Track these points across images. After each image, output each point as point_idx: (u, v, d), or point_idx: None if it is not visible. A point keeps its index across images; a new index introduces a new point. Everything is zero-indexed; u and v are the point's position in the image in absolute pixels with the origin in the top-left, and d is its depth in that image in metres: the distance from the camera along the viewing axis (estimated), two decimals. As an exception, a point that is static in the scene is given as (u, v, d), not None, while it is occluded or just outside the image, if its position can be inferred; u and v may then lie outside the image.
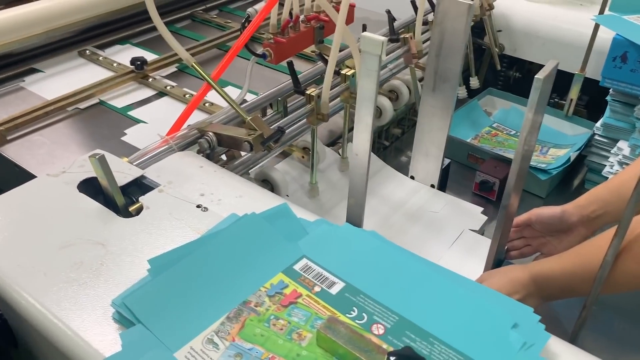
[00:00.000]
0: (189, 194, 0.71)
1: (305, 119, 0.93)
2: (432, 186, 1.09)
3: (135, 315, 0.50)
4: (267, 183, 0.93)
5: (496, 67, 1.41)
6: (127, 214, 0.68)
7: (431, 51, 0.96)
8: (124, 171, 0.73)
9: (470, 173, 1.20)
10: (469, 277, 0.92)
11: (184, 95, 1.25)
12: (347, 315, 0.52)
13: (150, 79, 1.31)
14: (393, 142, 1.29)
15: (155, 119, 1.18)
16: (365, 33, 0.63)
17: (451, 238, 0.98)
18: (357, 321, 0.51)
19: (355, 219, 0.79)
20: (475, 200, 1.12)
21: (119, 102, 1.23)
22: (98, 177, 0.67)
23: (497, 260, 0.87)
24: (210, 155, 0.85)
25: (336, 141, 1.15)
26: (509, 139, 1.30)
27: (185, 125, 0.87)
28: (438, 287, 0.55)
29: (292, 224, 0.61)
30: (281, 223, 0.60)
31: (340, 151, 1.09)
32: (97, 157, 0.64)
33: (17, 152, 1.07)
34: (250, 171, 0.92)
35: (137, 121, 1.18)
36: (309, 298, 0.53)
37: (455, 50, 0.94)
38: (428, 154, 1.06)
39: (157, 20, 0.81)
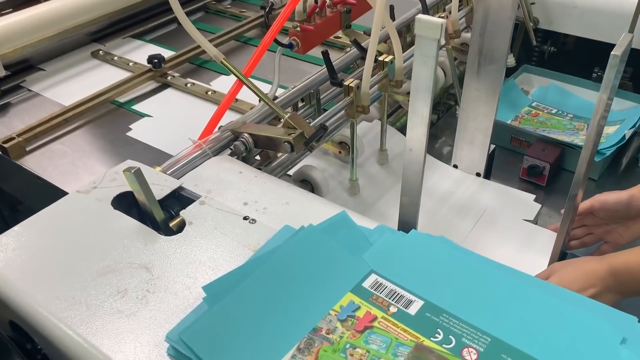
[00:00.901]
0: (232, 204, 0.65)
1: (342, 112, 0.86)
2: (478, 175, 1.02)
3: (195, 352, 0.44)
4: (306, 183, 0.87)
5: (532, 43, 1.33)
6: (168, 231, 0.62)
7: (474, 30, 0.89)
8: (159, 183, 0.67)
9: (514, 158, 1.13)
10: (530, 272, 0.87)
11: (207, 93, 1.19)
12: (432, 339, 0.46)
13: (169, 77, 1.25)
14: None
15: (180, 119, 1.12)
16: (421, 15, 0.57)
17: (505, 231, 0.91)
18: (444, 346, 0.45)
19: (409, 219, 0.73)
20: (523, 186, 1.06)
21: (139, 104, 1.18)
22: (134, 193, 0.61)
23: (561, 252, 0.80)
24: (247, 158, 0.79)
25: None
26: (551, 118, 1.23)
27: (216, 128, 0.81)
28: (529, 299, 0.49)
29: (354, 235, 0.54)
30: (342, 235, 0.54)
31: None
32: (132, 170, 0.59)
33: (39, 163, 1.01)
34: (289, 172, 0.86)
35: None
36: (385, 321, 0.47)
37: (502, 27, 0.86)
38: (473, 141, 0.99)
39: (182, 16, 0.75)
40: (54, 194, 0.97)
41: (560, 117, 1.22)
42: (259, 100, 0.94)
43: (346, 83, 0.83)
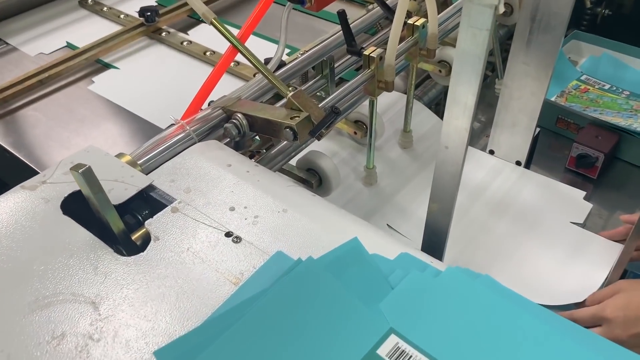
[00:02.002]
0: (215, 210, 0.51)
1: (360, 88, 0.70)
2: (518, 163, 0.87)
3: None
4: (313, 174, 0.72)
5: (585, 5, 1.14)
6: (129, 246, 0.48)
7: (528, -10, 0.72)
8: (124, 179, 0.53)
9: (559, 142, 0.97)
10: (581, 287, 0.73)
11: (205, 53, 1.03)
12: None
13: (163, 33, 1.09)
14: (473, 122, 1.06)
15: (173, 85, 0.97)
16: (475, -28, 0.41)
17: (550, 235, 0.76)
18: None
19: (438, 230, 0.59)
20: (569, 178, 0.90)
21: (127, 65, 1.02)
22: (85, 197, 0.47)
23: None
24: (241, 143, 0.64)
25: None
26: (604, 95, 1.05)
27: (205, 104, 0.66)
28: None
29: (368, 273, 0.40)
30: (353, 273, 0.40)
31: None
32: (80, 170, 0.44)
33: (8, 133, 0.88)
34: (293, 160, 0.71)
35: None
36: (408, 411, 0.33)
37: (564, -13, 0.69)
38: (515, 124, 0.83)
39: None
40: (23, 171, 0.84)
41: (614, 94, 1.05)
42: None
43: (366, 52, 0.67)
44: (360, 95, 0.72)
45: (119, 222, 0.48)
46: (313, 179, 0.71)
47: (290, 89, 0.63)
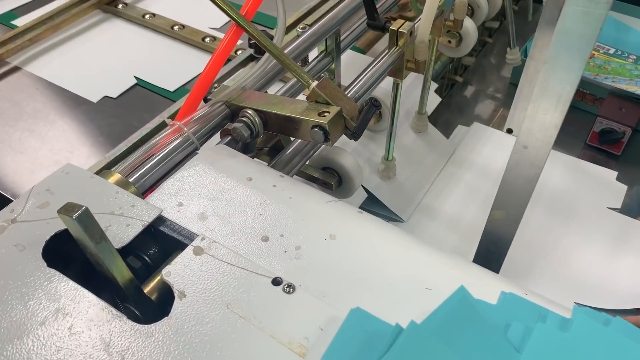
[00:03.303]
0: (244, 242, 0.40)
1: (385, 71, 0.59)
2: (540, 143, 0.79)
3: None
4: (331, 173, 0.61)
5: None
6: (142, 303, 0.37)
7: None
8: (123, 211, 0.40)
9: (574, 116, 0.89)
10: (634, 285, 0.66)
11: (172, 28, 0.88)
12: None
13: (119, 5, 0.93)
14: (461, 74, 0.97)
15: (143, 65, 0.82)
16: None
17: (589, 225, 0.69)
18: None
19: (499, 240, 0.50)
20: (590, 155, 0.83)
21: (80, 45, 0.87)
22: (81, 245, 0.35)
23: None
24: (250, 145, 0.53)
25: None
26: (610, 60, 0.98)
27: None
28: None
29: (487, 335, 0.31)
30: (469, 338, 0.30)
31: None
32: (75, 214, 0.32)
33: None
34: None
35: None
36: None
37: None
38: (540, 100, 0.74)
39: None
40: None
41: (620, 59, 0.98)
42: (259, 52, 0.67)
43: (394, 27, 0.56)
44: (378, 77, 0.61)
45: (127, 274, 0.36)
46: (332, 179, 0.60)
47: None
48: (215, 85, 0.59)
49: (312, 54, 0.68)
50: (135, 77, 0.81)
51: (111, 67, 0.83)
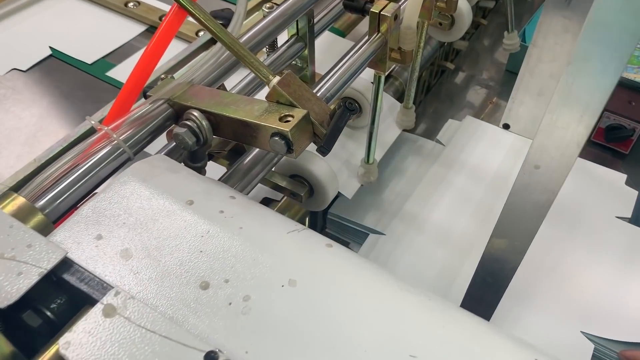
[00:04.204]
0: (177, 291, 0.31)
1: (364, 62, 0.49)
2: (540, 140, 0.70)
3: None
4: (301, 182, 0.52)
5: None
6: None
7: None
8: (15, 254, 0.31)
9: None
10: None
11: (126, 5, 0.78)
12: None
13: (66, -23, 0.82)
14: (452, 59, 0.87)
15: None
16: None
17: (596, 237, 0.61)
18: None
19: (498, 273, 0.41)
20: (595, 153, 0.74)
21: (18, 24, 0.75)
22: None
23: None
24: (198, 153, 0.43)
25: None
26: (615, 45, 0.89)
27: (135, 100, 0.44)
28: None
29: None
30: None
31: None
32: None
33: None
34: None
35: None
36: None
37: None
38: (543, 92, 0.66)
39: None
40: None
41: (627, 43, 0.89)
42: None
43: (375, 8, 0.46)
44: (359, 70, 0.52)
45: (6, 348, 0.27)
46: (301, 189, 0.51)
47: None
48: (162, 76, 0.49)
49: (283, 38, 0.59)
50: (50, 47, 0.70)
51: (61, 48, 0.72)
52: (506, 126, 0.71)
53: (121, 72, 0.74)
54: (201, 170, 0.45)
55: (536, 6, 0.92)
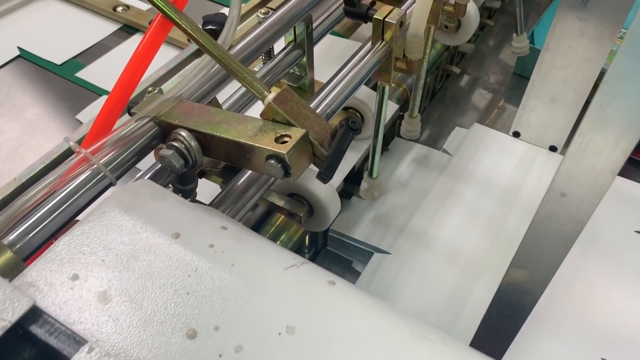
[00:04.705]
0: (163, 341, 0.27)
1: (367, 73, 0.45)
2: (552, 149, 0.66)
3: None
4: (300, 202, 0.48)
5: None
6: None
7: None
8: (-26, 302, 0.27)
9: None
10: None
11: (115, 9, 0.74)
12: None
13: (52, -20, 0.78)
14: (457, 63, 0.83)
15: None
16: None
17: (614, 254, 0.57)
18: None
19: (517, 304, 0.37)
20: (609, 160, 0.71)
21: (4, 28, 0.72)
22: None
23: None
24: (187, 176, 0.39)
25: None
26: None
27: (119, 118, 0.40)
28: None
29: None
30: None
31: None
32: None
33: None
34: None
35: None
36: None
37: None
38: (556, 98, 0.62)
39: None
40: None
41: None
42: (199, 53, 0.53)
43: (379, 15, 0.42)
44: (363, 80, 0.48)
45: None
46: (300, 209, 0.47)
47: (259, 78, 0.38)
48: (150, 89, 0.46)
49: (279, 45, 0.55)
50: (18, 47, 0.67)
51: (45, 55, 0.69)
52: (516, 134, 0.68)
53: (91, 73, 0.71)
54: (191, 193, 0.41)
55: (544, 5, 0.88)
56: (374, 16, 0.42)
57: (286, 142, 0.35)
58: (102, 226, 0.33)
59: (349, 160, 0.58)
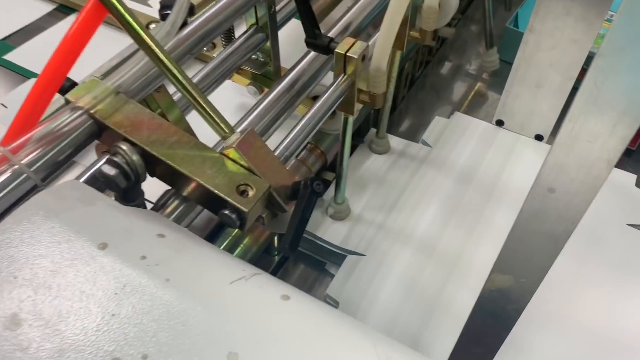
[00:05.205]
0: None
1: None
2: (539, 138, 0.62)
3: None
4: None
5: None
6: None
7: None
8: None
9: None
10: None
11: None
12: None
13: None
14: (437, 49, 0.79)
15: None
16: None
17: (607, 249, 0.54)
18: None
19: (502, 316, 0.34)
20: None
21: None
22: None
23: None
24: (131, 192, 0.35)
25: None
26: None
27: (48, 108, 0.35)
28: None
29: None
30: None
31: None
32: None
33: None
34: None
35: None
36: None
37: None
38: (542, 83, 0.58)
39: None
40: None
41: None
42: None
43: (340, 49, 0.38)
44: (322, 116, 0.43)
45: None
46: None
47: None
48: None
49: (243, 29, 0.50)
50: None
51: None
52: (500, 122, 0.63)
53: (22, 55, 0.66)
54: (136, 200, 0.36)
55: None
56: (336, 50, 0.38)
57: (248, 196, 0.30)
58: (16, 236, 0.28)
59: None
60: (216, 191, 0.30)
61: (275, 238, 0.54)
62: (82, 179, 0.36)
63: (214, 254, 0.29)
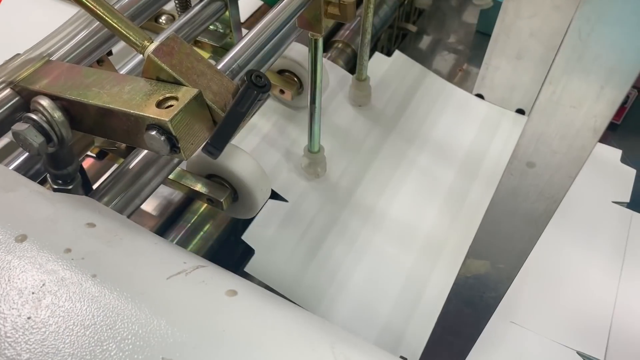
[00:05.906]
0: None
1: (292, 20, 0.37)
2: (520, 112, 0.59)
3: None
4: (220, 185, 0.40)
5: None
6: None
7: None
8: None
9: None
10: None
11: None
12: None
13: None
14: (415, 21, 0.75)
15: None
16: None
17: (586, 226, 0.51)
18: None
19: (480, 305, 0.31)
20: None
21: None
22: None
23: None
24: (59, 157, 0.31)
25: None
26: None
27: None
28: None
29: None
30: None
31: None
32: None
33: None
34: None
35: None
36: None
37: None
38: (522, 54, 0.55)
39: None
40: None
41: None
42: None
43: (301, -51, 0.34)
44: (288, 31, 0.39)
45: None
46: (221, 194, 0.39)
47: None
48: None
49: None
50: None
51: None
52: (479, 97, 0.60)
53: None
54: (72, 178, 0.33)
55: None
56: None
57: (171, 106, 0.26)
58: None
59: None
60: (132, 110, 0.26)
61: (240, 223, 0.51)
62: (20, 159, 0.32)
63: (151, 245, 0.26)
